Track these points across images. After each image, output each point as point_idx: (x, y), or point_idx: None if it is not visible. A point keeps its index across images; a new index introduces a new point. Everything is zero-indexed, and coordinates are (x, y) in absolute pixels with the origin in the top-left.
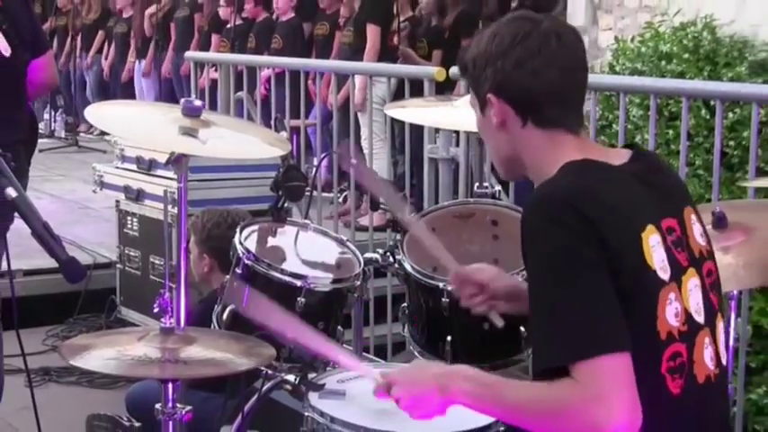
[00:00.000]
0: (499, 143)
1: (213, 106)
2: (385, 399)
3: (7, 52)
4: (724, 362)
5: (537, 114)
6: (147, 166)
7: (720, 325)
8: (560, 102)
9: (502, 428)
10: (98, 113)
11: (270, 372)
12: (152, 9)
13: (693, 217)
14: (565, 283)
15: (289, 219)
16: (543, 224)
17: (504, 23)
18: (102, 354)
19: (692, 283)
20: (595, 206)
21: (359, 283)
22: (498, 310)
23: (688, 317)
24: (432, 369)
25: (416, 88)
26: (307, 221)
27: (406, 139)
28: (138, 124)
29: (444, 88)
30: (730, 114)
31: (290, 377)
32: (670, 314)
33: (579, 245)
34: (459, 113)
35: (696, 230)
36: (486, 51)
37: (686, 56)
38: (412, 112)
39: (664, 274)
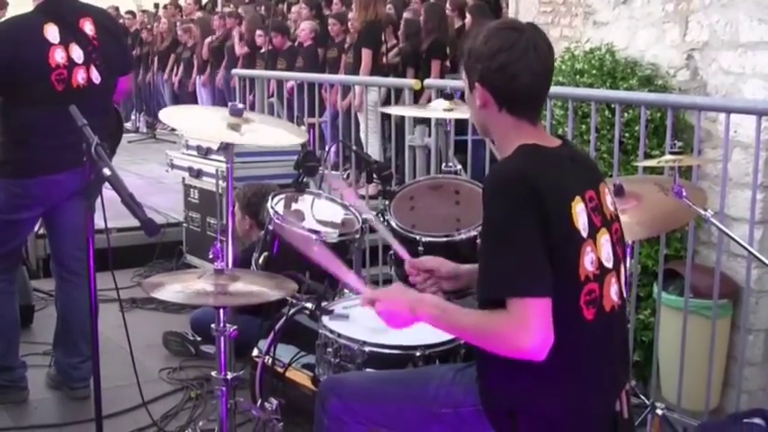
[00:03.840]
0: (478, 116)
1: (252, 108)
2: (369, 308)
3: (98, 80)
4: (625, 295)
5: (510, 105)
6: (205, 152)
7: (623, 269)
8: (529, 99)
9: (462, 341)
10: (170, 115)
11: (294, 301)
12: (209, 39)
13: (606, 189)
14: (508, 235)
15: (307, 189)
16: (497, 190)
17: (496, 30)
18: (173, 288)
19: (604, 239)
20: (540, 181)
21: (358, 236)
22: (444, 288)
23: (600, 264)
24: (407, 294)
25: (398, 95)
26: (320, 192)
27: (393, 132)
28: (198, 122)
29: (418, 96)
30: (626, 114)
31: (309, 305)
32: (587, 262)
33: (521, 209)
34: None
35: (608, 200)
36: (479, 49)
37: (594, 72)
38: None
39: (584, 232)
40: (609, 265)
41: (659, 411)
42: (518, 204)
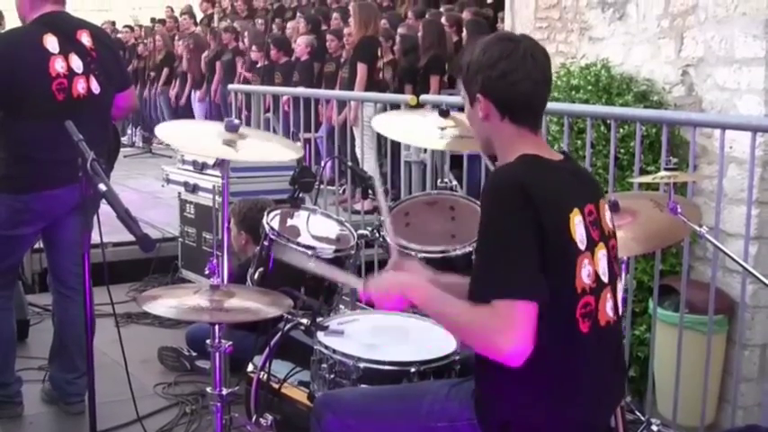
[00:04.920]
0: (481, 129)
1: (248, 123)
2: (366, 296)
3: (97, 91)
4: (620, 312)
5: (512, 114)
6: (201, 167)
7: (620, 285)
8: (529, 106)
9: (457, 357)
10: (165, 131)
11: (289, 317)
12: (205, 53)
13: (605, 206)
14: (502, 237)
15: (302, 205)
16: (495, 193)
17: (494, 42)
18: (168, 303)
19: (601, 253)
20: (537, 190)
21: (353, 252)
22: None
23: (597, 277)
24: (400, 278)
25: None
26: (315, 207)
27: (388, 148)
28: (194, 138)
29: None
30: (621, 130)
31: (304, 320)
32: (584, 275)
33: (517, 213)
34: (425, 128)
35: (606, 216)
36: (478, 61)
37: (589, 88)
38: (392, 126)
39: (581, 245)
40: (605, 279)
41: (655, 428)
42: (514, 208)
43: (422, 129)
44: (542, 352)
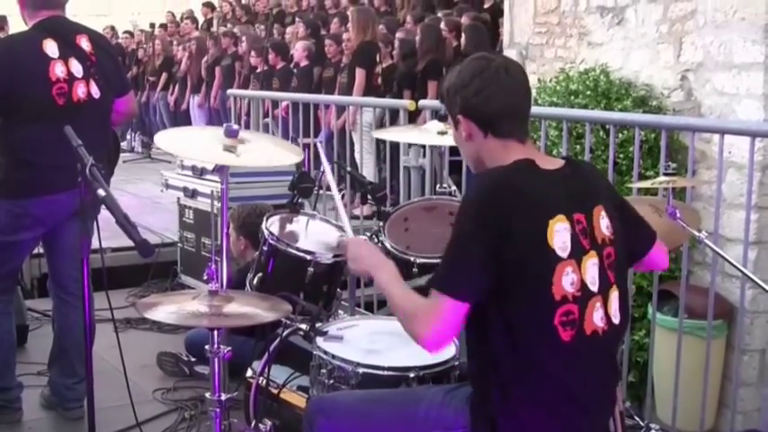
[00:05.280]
0: (468, 150)
1: (247, 128)
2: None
3: (97, 95)
4: (616, 321)
5: (493, 128)
6: (200, 173)
7: (614, 294)
8: (509, 118)
9: (456, 363)
10: (165, 137)
11: (288, 322)
12: (205, 58)
13: (603, 213)
14: (455, 240)
15: (301, 210)
16: (468, 200)
17: (467, 62)
18: (167, 308)
19: (591, 262)
20: (513, 195)
21: None
22: None
23: (583, 286)
24: (373, 256)
25: (394, 116)
26: (314, 213)
27: (387, 153)
28: (193, 143)
29: (414, 115)
30: (620, 135)
31: (303, 326)
32: (566, 282)
33: (479, 220)
34: (424, 135)
35: (603, 224)
36: (454, 84)
37: (588, 93)
38: (392, 133)
39: (562, 252)
40: (594, 288)
41: None
42: (479, 215)
43: (421, 135)
44: (525, 358)
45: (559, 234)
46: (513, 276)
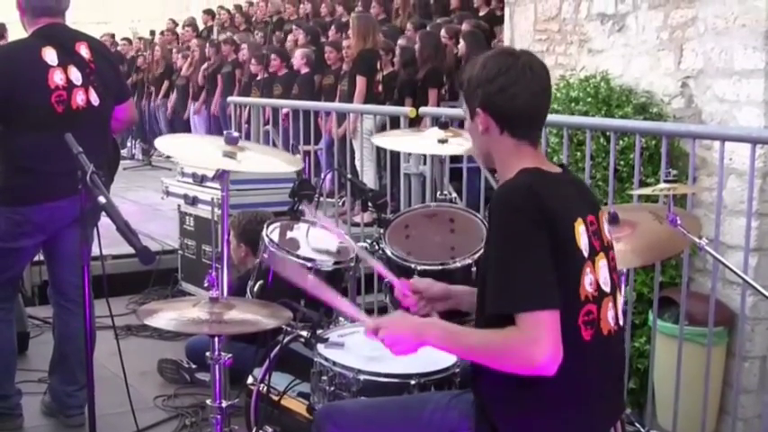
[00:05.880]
0: (481, 142)
1: (248, 136)
2: (373, 338)
3: (96, 102)
4: (621, 323)
5: (511, 127)
6: (200, 180)
7: (619, 296)
8: (528, 120)
9: (457, 370)
10: (165, 143)
11: (289, 329)
12: (205, 65)
13: (603, 217)
14: (519, 250)
15: (302, 218)
16: (508, 206)
17: (493, 56)
18: (168, 315)
19: (602, 263)
20: (547, 199)
21: (353, 264)
22: (437, 309)
23: (598, 286)
24: (411, 319)
25: (395, 123)
26: (315, 220)
27: (388, 160)
28: (193, 150)
29: (415, 123)
30: (621, 142)
31: (304, 333)
32: (587, 283)
33: (532, 226)
34: (425, 141)
35: (605, 227)
36: (478, 76)
37: (589, 100)
38: (392, 140)
39: (585, 253)
40: (606, 289)
41: None
42: (529, 219)
43: (421, 143)
44: None
45: (582, 236)
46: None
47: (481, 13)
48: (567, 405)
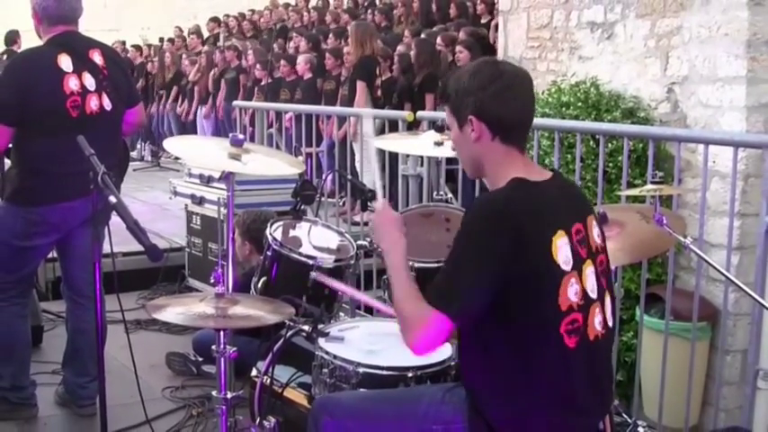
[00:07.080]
0: (471, 151)
1: (252, 139)
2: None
3: (109, 107)
4: (610, 324)
5: (503, 133)
6: (207, 180)
7: (608, 299)
8: (520, 124)
9: (453, 363)
10: (173, 145)
11: (291, 323)
12: (213, 71)
13: (594, 222)
14: (464, 261)
15: (304, 217)
16: (477, 218)
17: (481, 65)
18: (175, 310)
19: (589, 270)
20: (520, 215)
21: (353, 261)
22: None
23: (584, 294)
24: (392, 235)
25: (393, 127)
26: (317, 219)
27: (386, 162)
28: (201, 152)
29: (412, 126)
30: (609, 145)
31: (306, 327)
32: (571, 293)
33: (492, 241)
34: (422, 144)
35: (594, 232)
36: (468, 85)
37: (579, 104)
38: (391, 142)
39: (566, 266)
40: (593, 295)
41: (641, 429)
42: (492, 233)
43: (418, 145)
44: (529, 364)
45: (562, 249)
46: (518, 291)
47: (483, 21)
48: (554, 404)
